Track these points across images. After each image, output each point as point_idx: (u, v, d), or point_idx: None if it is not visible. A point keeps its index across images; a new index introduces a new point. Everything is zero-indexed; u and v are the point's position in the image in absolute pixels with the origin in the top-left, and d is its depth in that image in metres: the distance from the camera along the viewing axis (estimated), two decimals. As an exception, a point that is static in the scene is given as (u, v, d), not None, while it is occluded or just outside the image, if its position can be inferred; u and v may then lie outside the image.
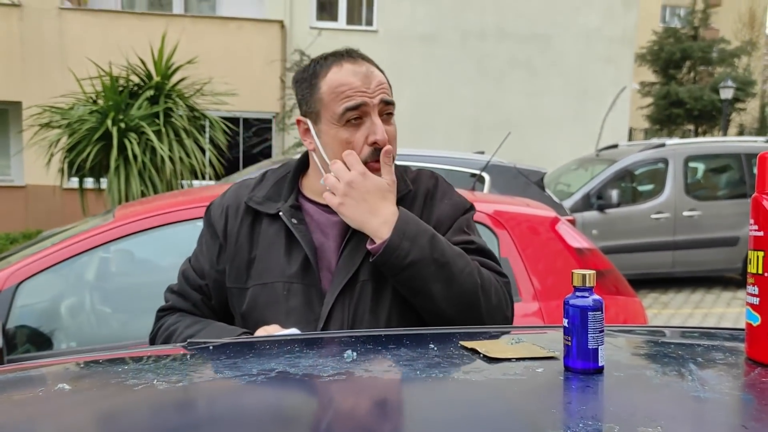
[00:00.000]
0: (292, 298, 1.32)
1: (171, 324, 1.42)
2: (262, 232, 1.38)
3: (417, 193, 1.42)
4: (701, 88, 22.30)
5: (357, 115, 1.32)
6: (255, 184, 1.45)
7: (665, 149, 8.65)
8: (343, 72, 1.34)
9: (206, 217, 1.48)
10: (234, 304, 1.40)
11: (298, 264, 1.33)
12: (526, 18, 13.28)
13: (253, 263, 1.37)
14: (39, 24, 11.24)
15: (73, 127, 6.21)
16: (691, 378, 0.74)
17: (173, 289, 1.49)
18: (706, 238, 8.42)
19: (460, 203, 1.45)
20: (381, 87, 1.34)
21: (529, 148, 12.01)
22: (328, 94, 1.34)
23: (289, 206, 1.38)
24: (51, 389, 0.75)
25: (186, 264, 1.49)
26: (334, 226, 1.37)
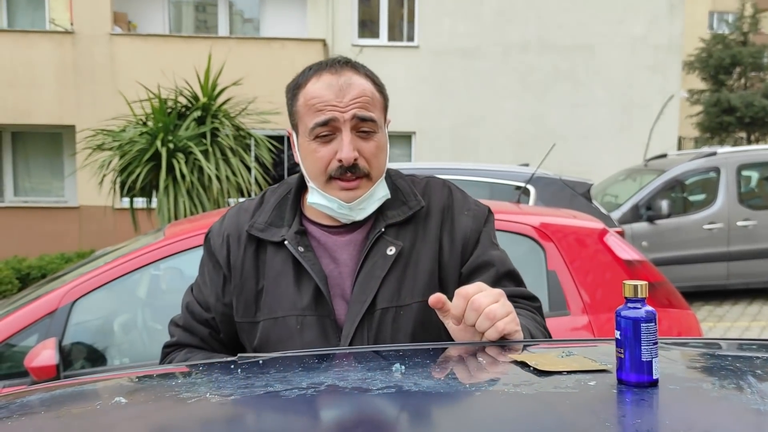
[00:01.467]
0: (306, 332, 1.25)
1: (180, 361, 1.33)
2: (267, 261, 1.29)
3: (431, 207, 1.33)
4: (753, 95, 21.70)
5: (326, 132, 1.24)
6: (255, 207, 1.36)
7: (717, 158, 8.43)
8: (319, 84, 1.26)
9: (206, 246, 1.38)
10: (245, 338, 1.32)
11: (310, 295, 1.25)
12: (568, 29, 13.16)
13: (261, 295, 1.29)
14: (91, 50, 11.62)
15: (124, 148, 6.39)
16: (751, 391, 0.72)
17: (178, 323, 1.40)
18: (762, 248, 8.15)
19: (480, 212, 1.36)
20: (357, 101, 1.24)
21: (574, 160, 11.85)
22: (303, 107, 1.28)
23: (293, 233, 1.29)
24: (108, 403, 0.77)
25: (189, 296, 1.40)
26: (344, 249, 1.30)
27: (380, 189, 1.30)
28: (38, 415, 0.74)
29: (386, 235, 1.29)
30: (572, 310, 2.75)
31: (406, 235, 1.30)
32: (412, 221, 1.31)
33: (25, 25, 12.24)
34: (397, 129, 12.86)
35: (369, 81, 1.29)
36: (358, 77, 1.28)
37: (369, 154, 1.26)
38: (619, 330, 0.80)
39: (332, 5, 12.75)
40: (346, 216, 1.29)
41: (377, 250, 1.27)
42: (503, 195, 4.75)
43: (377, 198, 1.30)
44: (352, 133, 1.24)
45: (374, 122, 1.26)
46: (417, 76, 12.81)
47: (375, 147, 1.27)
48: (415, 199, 1.33)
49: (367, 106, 1.25)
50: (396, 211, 1.31)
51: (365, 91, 1.26)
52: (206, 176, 6.19)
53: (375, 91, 1.29)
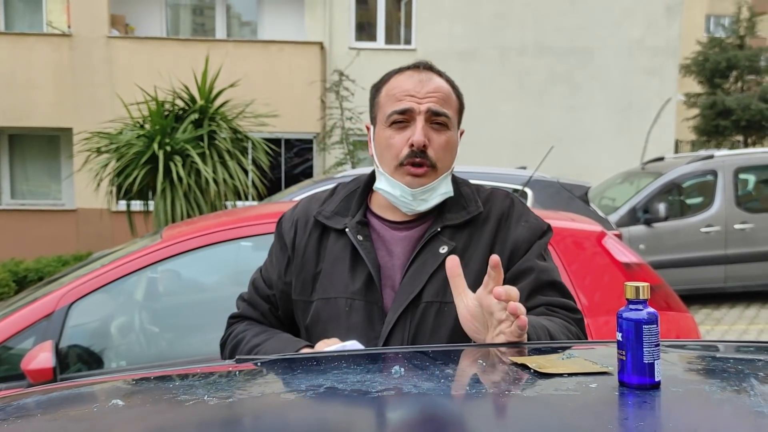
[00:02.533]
0: (353, 315, 1.32)
1: (240, 332, 1.44)
2: (328, 246, 1.39)
3: (490, 215, 1.39)
4: (749, 98, 21.75)
5: (402, 119, 1.33)
6: (326, 197, 1.46)
7: (714, 161, 8.44)
8: (401, 77, 1.37)
9: (277, 229, 1.49)
10: (299, 316, 1.42)
11: (362, 281, 1.33)
12: (565, 32, 13.19)
13: (318, 277, 1.38)
14: (88, 52, 11.61)
15: (121, 151, 6.38)
16: (753, 393, 0.72)
17: (244, 297, 1.52)
18: (760, 251, 8.15)
19: (537, 226, 1.41)
20: (433, 94, 1.33)
21: (572, 163, 11.86)
22: (384, 97, 1.37)
23: (356, 222, 1.38)
24: (105, 405, 0.76)
25: (257, 273, 1.51)
26: (399, 243, 1.37)
27: (444, 184, 1.37)
28: (35, 418, 0.73)
29: (442, 234, 1.35)
30: (570, 313, 2.74)
31: (461, 237, 1.36)
32: (469, 225, 1.37)
33: (23, 28, 12.23)
34: (394, 132, 12.83)
35: (448, 84, 1.40)
36: (437, 77, 1.39)
37: (438, 146, 1.34)
38: (620, 332, 0.80)
39: (329, 8, 12.76)
40: (407, 205, 1.35)
41: (431, 248, 1.34)
42: (501, 198, 4.73)
43: (440, 192, 1.36)
44: (426, 124, 1.33)
45: (448, 118, 1.35)
46: (414, 79, 12.80)
47: (445, 141, 1.35)
48: (476, 204, 1.39)
49: (442, 102, 1.35)
50: (455, 215, 1.37)
51: (442, 88, 1.36)
52: (203, 179, 6.18)
53: (452, 92, 1.39)
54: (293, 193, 5.29)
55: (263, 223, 2.97)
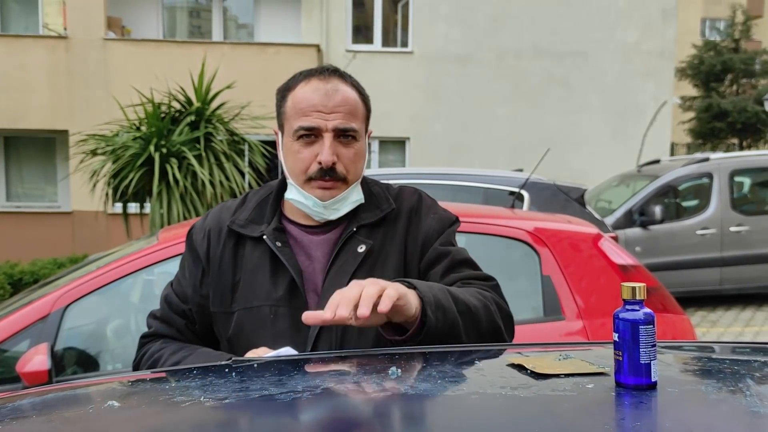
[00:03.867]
0: (279, 322, 1.31)
1: (155, 351, 1.40)
2: (246, 255, 1.37)
3: (400, 210, 1.41)
4: (745, 101, 21.83)
5: (310, 134, 1.32)
6: (237, 206, 1.44)
7: (709, 163, 8.47)
8: (307, 88, 1.35)
9: (188, 241, 1.45)
10: (219, 329, 1.39)
11: (285, 287, 1.32)
12: (562, 35, 13.21)
13: (237, 287, 1.36)
14: (84, 55, 11.60)
15: (117, 153, 6.36)
16: (749, 393, 0.72)
17: (156, 314, 1.47)
18: (755, 253, 8.18)
19: (446, 217, 1.44)
20: (339, 108, 1.32)
21: (568, 166, 11.89)
22: (291, 109, 1.36)
23: (272, 229, 1.37)
24: (101, 407, 0.76)
25: (168, 289, 1.47)
26: (318, 247, 1.37)
27: (355, 193, 1.38)
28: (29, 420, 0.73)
29: (358, 234, 1.36)
30: (567, 315, 2.75)
31: (377, 235, 1.38)
32: (383, 223, 1.39)
33: (19, 30, 12.20)
34: (391, 134, 12.86)
35: (355, 91, 1.38)
36: (344, 86, 1.36)
37: (347, 160, 1.34)
38: (617, 332, 0.80)
39: (326, 11, 12.77)
40: (320, 214, 1.36)
41: (348, 248, 1.35)
42: (497, 200, 4.75)
43: (351, 201, 1.38)
44: (334, 140, 1.32)
45: (355, 131, 1.34)
46: (411, 81, 12.83)
47: (354, 154, 1.35)
48: (387, 202, 1.41)
49: (349, 116, 1.33)
50: (368, 214, 1.39)
51: (349, 100, 1.34)
52: (200, 181, 6.17)
53: (359, 101, 1.37)
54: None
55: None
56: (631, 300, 0.81)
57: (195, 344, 1.41)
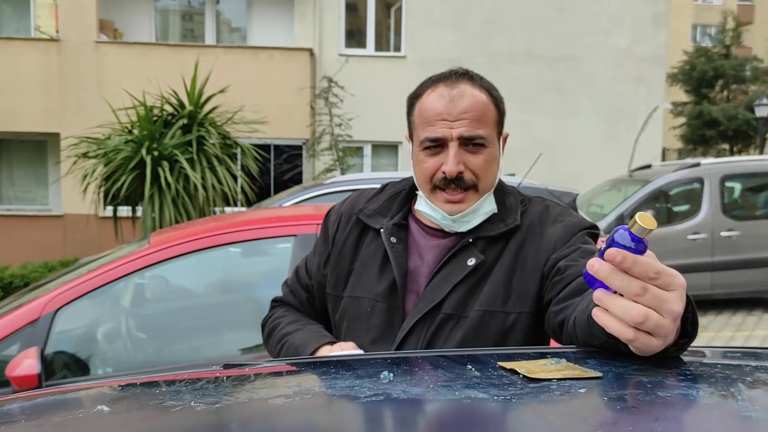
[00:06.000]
0: (375, 316, 1.33)
1: (277, 317, 1.50)
2: (365, 245, 1.40)
3: (522, 225, 1.34)
4: (735, 107, 21.98)
5: (436, 144, 1.29)
6: (373, 194, 1.47)
7: (700, 168, 8.51)
8: (434, 95, 1.31)
9: (324, 222, 1.51)
10: (330, 310, 1.45)
11: (387, 284, 1.33)
12: (554, 40, 13.27)
13: (351, 274, 1.40)
14: (76, 57, 11.56)
15: (109, 156, 6.35)
16: (741, 398, 0.72)
17: (287, 282, 1.56)
18: (746, 258, 8.22)
19: (576, 223, 1.32)
20: (465, 116, 1.27)
21: (560, 171, 11.92)
22: (417, 118, 1.33)
23: (392, 224, 1.37)
24: (90, 411, 0.75)
25: (302, 262, 1.55)
26: (432, 250, 1.35)
27: (487, 204, 1.34)
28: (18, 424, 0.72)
29: (474, 246, 1.32)
30: (559, 319, 2.75)
31: (494, 250, 1.32)
32: (503, 238, 1.32)
33: (10, 32, 12.15)
34: (383, 138, 12.87)
35: (484, 93, 1.33)
36: (472, 89, 1.31)
37: (476, 167, 1.29)
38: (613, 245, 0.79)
39: (319, 15, 12.77)
40: (449, 227, 1.34)
41: (459, 259, 1.31)
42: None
43: (482, 212, 1.34)
44: (460, 148, 1.28)
45: (483, 138, 1.29)
46: (404, 85, 12.80)
47: (483, 161, 1.30)
48: (513, 217, 1.34)
49: (476, 123, 1.28)
50: (492, 225, 1.34)
51: (477, 104, 1.29)
52: (192, 185, 6.16)
53: (489, 104, 1.32)
54: (282, 200, 5.28)
55: (251, 228, 2.96)
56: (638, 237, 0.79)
57: (313, 318, 1.49)
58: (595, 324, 0.88)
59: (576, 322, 1.03)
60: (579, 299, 1.10)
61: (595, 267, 0.80)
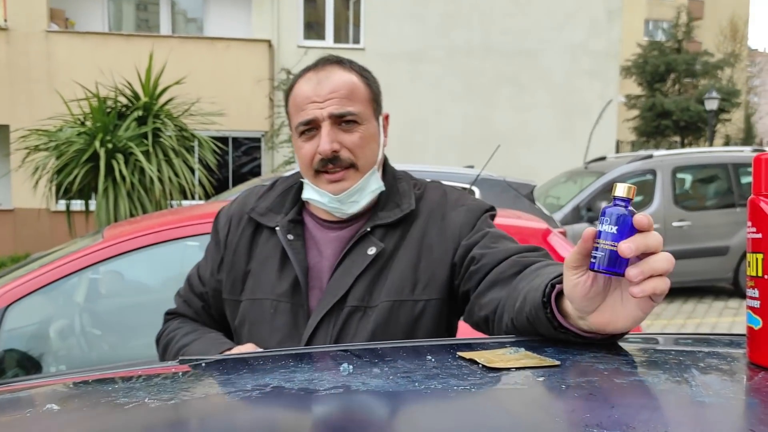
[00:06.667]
0: (278, 317, 1.29)
1: (172, 329, 1.43)
2: (260, 244, 1.35)
3: (420, 210, 1.33)
4: (687, 100, 22.54)
5: (310, 128, 1.28)
6: (263, 192, 1.42)
7: (653, 160, 8.71)
8: (301, 82, 1.31)
9: (213, 225, 1.46)
10: (229, 316, 1.39)
11: (289, 283, 1.29)
12: (512, 34, 13.39)
13: (248, 276, 1.34)
14: (26, 47, 11.22)
15: (61, 149, 6.18)
16: (695, 383, 0.73)
17: (180, 293, 1.50)
18: (697, 248, 8.45)
19: (476, 206, 1.34)
20: (333, 95, 1.26)
21: (517, 163, 12.07)
22: (291, 107, 1.32)
23: (288, 221, 1.34)
24: (39, 410, 0.73)
25: (193, 269, 1.49)
26: (330, 244, 1.33)
27: (373, 181, 1.32)
28: (-38, 426, 0.69)
29: (372, 234, 1.30)
30: (517, 310, 2.78)
31: (392, 237, 1.30)
32: (401, 224, 1.31)
33: (-46, 21, 11.73)
34: (343, 131, 12.83)
35: (353, 73, 1.31)
36: (340, 70, 1.30)
37: (351, 145, 1.28)
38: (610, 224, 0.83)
39: (277, 6, 12.65)
40: (338, 210, 1.32)
41: (359, 249, 1.29)
42: (449, 196, 4.78)
43: (369, 190, 1.32)
44: (333, 127, 1.27)
45: (355, 114, 1.27)
46: (363, 78, 12.81)
47: (358, 138, 1.28)
48: (408, 202, 1.33)
49: (345, 100, 1.27)
50: (388, 213, 1.32)
51: (345, 83, 1.28)
52: (147, 178, 6.04)
53: (359, 83, 1.31)
54: (241, 192, 5.23)
55: (209, 222, 2.91)
56: (623, 197, 0.85)
57: (210, 327, 1.42)
58: (540, 323, 0.95)
59: (515, 324, 1.05)
60: (504, 295, 1.12)
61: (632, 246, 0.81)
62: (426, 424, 0.67)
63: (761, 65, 36.58)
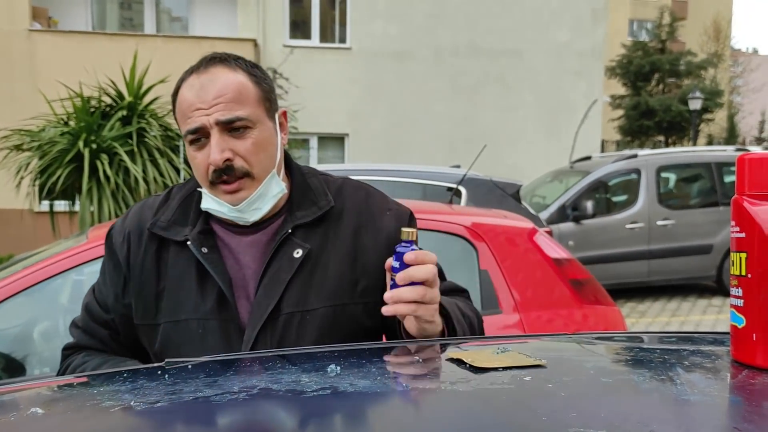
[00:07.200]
0: (208, 337, 1.19)
1: (77, 365, 1.28)
2: (170, 261, 1.24)
3: (344, 209, 1.27)
4: (670, 99, 22.72)
5: (198, 137, 1.19)
6: (159, 204, 1.30)
7: (637, 160, 8.78)
8: (185, 87, 1.21)
9: (107, 244, 1.31)
10: (145, 342, 1.27)
11: (213, 299, 1.20)
12: (497, 34, 13.43)
13: (161, 296, 1.23)
14: (8, 46, 11.10)
15: (44, 149, 6.12)
16: (680, 382, 0.74)
17: (78, 324, 1.35)
18: (681, 246, 8.53)
19: (402, 212, 1.31)
20: (219, 99, 1.17)
21: (503, 162, 12.10)
22: (178, 114, 1.23)
23: (197, 232, 1.23)
24: (23, 414, 0.72)
25: (89, 296, 1.34)
26: (248, 250, 1.24)
27: (273, 185, 1.23)
28: (-56, 430, 0.68)
29: (294, 236, 1.23)
30: (504, 309, 2.79)
31: (316, 237, 1.24)
32: (322, 222, 1.25)
33: (-65, 19, 11.58)
34: (330, 130, 12.81)
35: (240, 73, 1.21)
36: (225, 72, 1.19)
37: (245, 152, 1.19)
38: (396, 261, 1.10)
39: (263, 5, 12.60)
40: (240, 218, 1.23)
41: (283, 253, 1.22)
42: (436, 196, 4.79)
43: (271, 195, 1.23)
44: (223, 135, 1.18)
45: (244, 119, 1.18)
46: (349, 77, 12.81)
47: (251, 144, 1.19)
48: (326, 198, 1.26)
49: (232, 104, 1.17)
50: (305, 212, 1.25)
51: (230, 85, 1.18)
52: (132, 178, 6.00)
53: (247, 83, 1.21)
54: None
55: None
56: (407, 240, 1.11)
57: (121, 356, 1.30)
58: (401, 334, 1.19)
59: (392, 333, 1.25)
60: None
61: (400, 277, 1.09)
62: (413, 424, 0.67)
63: (744, 65, 36.97)
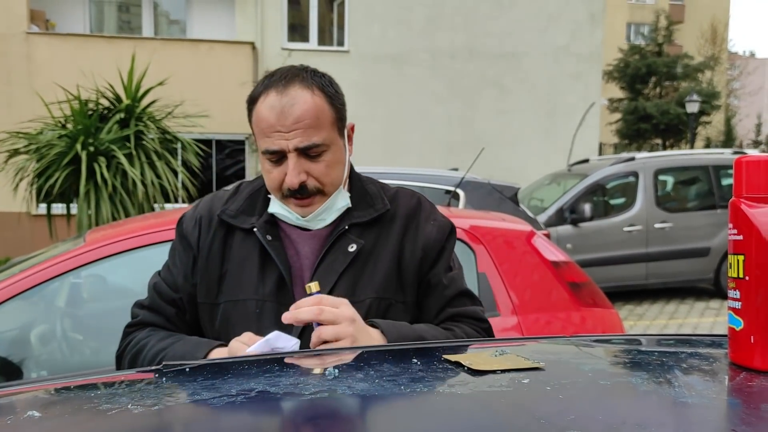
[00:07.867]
0: (264, 317, 1.29)
1: (141, 339, 1.37)
2: (234, 246, 1.35)
3: (397, 213, 1.38)
4: (667, 103, 22.75)
5: (276, 158, 1.29)
6: (229, 196, 1.42)
7: (635, 163, 8.79)
8: (265, 105, 1.28)
9: (178, 229, 1.43)
10: (205, 321, 1.37)
11: (273, 282, 1.30)
12: (495, 37, 13.45)
13: (224, 278, 1.34)
14: (6, 49, 11.10)
15: (42, 152, 6.11)
16: (678, 384, 0.74)
17: (143, 304, 1.43)
18: (678, 249, 8.54)
19: (445, 224, 1.41)
20: (298, 125, 1.26)
21: (501, 165, 12.12)
22: (255, 126, 1.32)
23: (263, 222, 1.34)
24: (19, 417, 0.72)
25: (156, 277, 1.44)
26: (307, 242, 1.35)
27: (339, 200, 1.35)
28: (-59, 434, 0.68)
29: (349, 233, 1.34)
30: (502, 311, 2.79)
31: (369, 235, 1.35)
32: (376, 223, 1.36)
33: (-67, 22, 11.57)
34: (327, 133, 12.80)
35: (318, 94, 1.29)
36: (303, 94, 1.27)
37: (319, 174, 1.30)
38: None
39: (261, 8, 12.61)
40: (306, 225, 1.35)
41: (339, 246, 1.32)
42: (434, 199, 4.77)
43: (336, 209, 1.35)
44: (300, 158, 1.28)
45: (320, 145, 1.28)
46: (347, 80, 12.75)
47: (325, 166, 1.30)
48: (382, 202, 1.38)
49: (310, 131, 1.26)
50: (362, 212, 1.36)
51: (309, 111, 1.26)
52: (130, 181, 5.99)
53: (323, 106, 1.29)
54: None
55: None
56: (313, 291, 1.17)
57: (185, 333, 1.38)
58: None
59: None
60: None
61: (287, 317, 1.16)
62: (411, 426, 0.67)
63: (741, 68, 37.08)
